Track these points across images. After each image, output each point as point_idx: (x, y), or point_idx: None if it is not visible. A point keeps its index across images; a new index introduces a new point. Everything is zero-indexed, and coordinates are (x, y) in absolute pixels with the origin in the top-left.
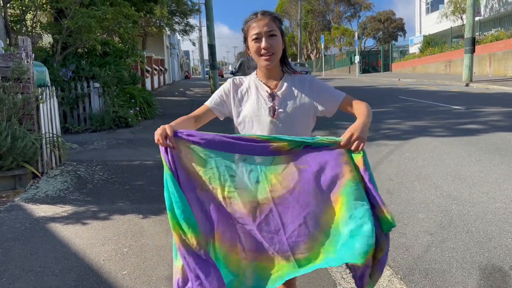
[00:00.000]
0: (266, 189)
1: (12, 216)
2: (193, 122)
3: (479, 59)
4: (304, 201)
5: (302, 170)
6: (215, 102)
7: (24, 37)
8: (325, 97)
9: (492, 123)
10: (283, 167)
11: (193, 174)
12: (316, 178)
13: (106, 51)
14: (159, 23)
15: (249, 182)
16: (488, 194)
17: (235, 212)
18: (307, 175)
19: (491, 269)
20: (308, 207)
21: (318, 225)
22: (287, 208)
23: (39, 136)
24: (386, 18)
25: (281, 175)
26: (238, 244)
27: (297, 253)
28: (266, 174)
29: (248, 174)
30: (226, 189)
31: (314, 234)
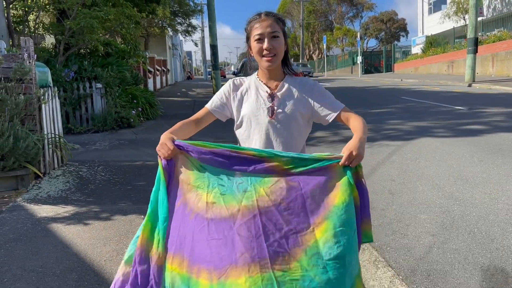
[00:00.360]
0: (253, 197)
1: (14, 217)
2: (194, 125)
3: (482, 60)
4: (288, 218)
5: (291, 187)
6: (215, 105)
7: (27, 38)
8: (324, 105)
9: (494, 123)
10: (274, 181)
11: (182, 182)
12: (303, 199)
13: (109, 51)
14: (161, 23)
15: (237, 191)
16: (490, 195)
17: (215, 217)
18: (295, 194)
19: (493, 270)
20: (291, 224)
21: (298, 243)
22: (270, 221)
23: (41, 137)
24: (388, 19)
25: (270, 188)
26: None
27: (275, 263)
28: (255, 186)
29: (237, 185)
30: (212, 195)
31: (293, 251)
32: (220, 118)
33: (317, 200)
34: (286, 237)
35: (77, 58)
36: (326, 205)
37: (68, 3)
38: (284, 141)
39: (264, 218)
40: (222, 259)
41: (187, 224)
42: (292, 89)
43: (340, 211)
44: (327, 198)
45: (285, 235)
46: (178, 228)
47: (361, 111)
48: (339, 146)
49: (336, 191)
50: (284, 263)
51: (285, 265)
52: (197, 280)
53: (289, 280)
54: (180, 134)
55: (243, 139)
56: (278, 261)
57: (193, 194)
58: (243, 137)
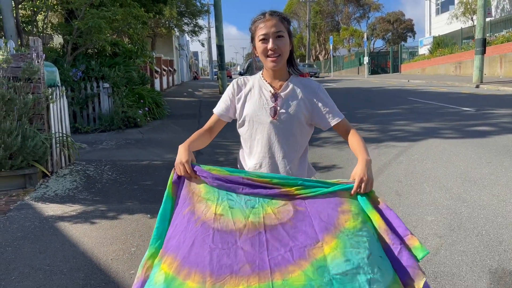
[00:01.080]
0: (260, 214)
1: (22, 215)
2: (208, 135)
3: (490, 61)
4: (294, 235)
5: (298, 211)
6: (221, 109)
7: (35, 38)
8: (325, 111)
9: (503, 125)
10: (281, 204)
11: (193, 193)
12: (310, 220)
13: (116, 51)
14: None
15: (245, 206)
16: (498, 196)
17: (222, 228)
18: (302, 216)
19: (501, 273)
20: (297, 240)
21: (304, 255)
22: (276, 238)
23: (49, 136)
24: (395, 19)
25: (277, 209)
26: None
27: (276, 273)
28: (263, 204)
29: (246, 201)
30: (221, 207)
31: (298, 262)
32: (228, 120)
33: (326, 221)
34: (291, 251)
35: (85, 58)
36: (337, 225)
37: (76, 3)
38: (286, 142)
39: (269, 235)
40: (222, 267)
41: (190, 230)
42: (296, 89)
43: (351, 234)
44: (337, 220)
45: (290, 249)
46: (179, 233)
47: (367, 111)
48: (344, 147)
49: (347, 216)
50: (287, 272)
51: (288, 274)
52: (183, 282)
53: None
54: (196, 145)
55: (245, 138)
56: (280, 271)
57: (202, 204)
58: (246, 137)
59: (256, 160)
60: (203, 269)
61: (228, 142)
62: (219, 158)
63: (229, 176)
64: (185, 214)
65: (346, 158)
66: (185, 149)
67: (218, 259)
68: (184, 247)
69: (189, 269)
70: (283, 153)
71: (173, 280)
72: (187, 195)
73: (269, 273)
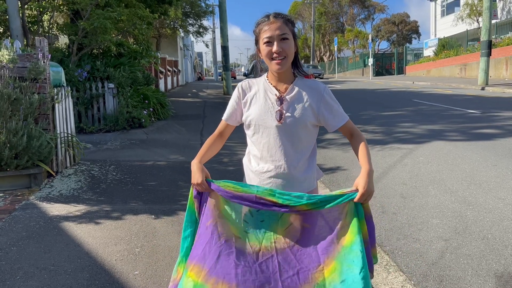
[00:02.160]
0: (271, 239)
1: (27, 215)
2: (219, 140)
3: (495, 63)
4: (300, 257)
5: (304, 230)
6: (228, 115)
7: (41, 38)
8: (331, 113)
9: (508, 127)
10: (289, 223)
11: (214, 206)
12: (314, 241)
13: (121, 52)
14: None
15: (258, 230)
16: (504, 200)
17: (241, 250)
18: (308, 236)
19: (507, 277)
20: (303, 263)
21: (308, 279)
22: (286, 260)
23: (54, 136)
24: (400, 21)
25: (286, 231)
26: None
27: None
28: (273, 227)
29: (259, 224)
30: (238, 230)
31: (303, 286)
32: (236, 124)
33: (328, 240)
34: (298, 274)
35: (90, 58)
36: (336, 246)
37: (82, 4)
38: (292, 145)
39: (280, 257)
40: (246, 281)
41: (215, 244)
42: (301, 92)
43: (348, 251)
44: (337, 239)
45: (297, 272)
46: (204, 244)
47: (372, 113)
48: (349, 149)
49: (346, 230)
50: None
51: None
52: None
53: None
54: (208, 155)
55: (251, 141)
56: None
57: (223, 221)
58: (252, 139)
59: (263, 163)
60: (230, 281)
61: (232, 143)
62: (223, 159)
63: (243, 194)
64: (208, 226)
65: (351, 160)
66: (198, 168)
67: (242, 274)
68: (210, 258)
69: (217, 279)
70: (290, 156)
71: (202, 287)
72: (209, 206)
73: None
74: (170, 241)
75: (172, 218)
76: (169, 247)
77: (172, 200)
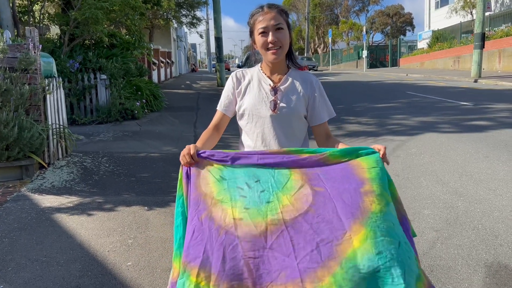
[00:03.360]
0: (277, 209)
1: (19, 206)
2: (216, 133)
3: (489, 55)
4: (318, 226)
5: (317, 193)
6: (224, 105)
7: (32, 28)
8: (319, 106)
9: (500, 119)
10: (297, 188)
11: (206, 196)
12: (333, 204)
13: (113, 43)
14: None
15: (260, 202)
16: (495, 191)
17: (246, 235)
18: (323, 198)
19: (497, 266)
20: (323, 233)
21: (333, 254)
22: (299, 232)
23: (46, 127)
24: (394, 13)
25: (294, 196)
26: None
27: (307, 281)
28: (277, 195)
29: (259, 195)
30: (237, 210)
31: (327, 263)
32: (233, 115)
33: (351, 204)
34: (318, 249)
35: (82, 49)
36: (363, 210)
37: None
38: (285, 135)
39: (292, 231)
40: (262, 275)
41: (216, 241)
42: (295, 83)
43: (379, 219)
44: (362, 203)
45: (317, 246)
46: (204, 244)
47: (366, 105)
48: (344, 140)
49: (372, 197)
50: (317, 280)
51: (318, 282)
52: None
53: None
54: (207, 146)
55: (245, 131)
56: (310, 278)
57: (218, 209)
58: (245, 130)
59: None
60: (246, 282)
61: (227, 135)
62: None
63: (243, 152)
64: (203, 220)
65: None
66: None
67: (256, 268)
68: (215, 260)
69: (229, 283)
70: (283, 146)
71: None
72: (199, 199)
73: (300, 282)
74: (163, 232)
75: (165, 209)
76: (162, 238)
77: (165, 192)
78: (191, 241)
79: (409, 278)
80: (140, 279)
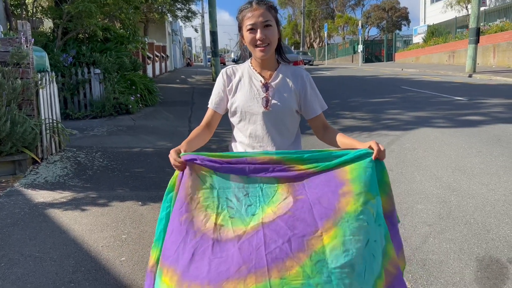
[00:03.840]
0: (259, 218)
1: (12, 202)
2: (207, 130)
3: (483, 50)
4: (293, 224)
5: (298, 200)
6: (215, 102)
7: (24, 22)
8: (311, 99)
9: (494, 114)
10: (281, 200)
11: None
12: (310, 206)
13: (107, 37)
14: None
15: (246, 214)
16: (488, 185)
17: (221, 239)
18: (301, 204)
19: (488, 260)
20: (296, 229)
21: (303, 247)
22: (274, 230)
23: (39, 122)
24: (390, 7)
25: (277, 206)
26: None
27: (273, 270)
28: (263, 208)
29: (246, 208)
30: (221, 218)
31: (296, 255)
32: (224, 112)
33: (327, 206)
34: (289, 242)
35: (76, 43)
36: (337, 210)
37: None
38: (278, 131)
39: (267, 230)
40: (219, 274)
41: (190, 243)
42: (286, 79)
43: (352, 219)
44: (338, 203)
45: (288, 239)
46: (178, 244)
47: (361, 100)
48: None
49: (348, 198)
50: (284, 269)
51: (285, 271)
52: None
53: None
54: (195, 144)
55: (237, 128)
56: (278, 267)
57: (201, 213)
58: (238, 126)
59: (250, 149)
60: (202, 281)
61: (221, 130)
62: (211, 145)
63: (231, 159)
64: (182, 222)
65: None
66: (174, 149)
67: (216, 267)
68: (183, 260)
69: (189, 283)
70: (276, 142)
71: None
72: (184, 200)
73: (266, 271)
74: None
75: (159, 204)
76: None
77: (159, 187)
78: (168, 240)
79: (368, 276)
80: (134, 274)
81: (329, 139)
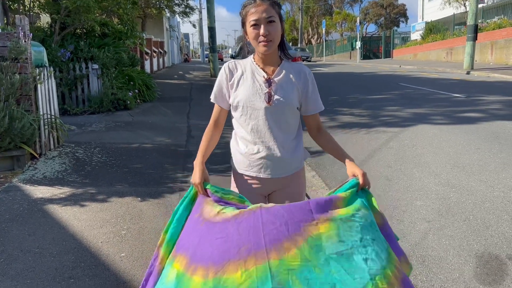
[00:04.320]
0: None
1: (10, 197)
2: (216, 131)
3: (481, 47)
4: (290, 209)
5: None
6: (218, 97)
7: (22, 16)
8: (312, 97)
9: (492, 111)
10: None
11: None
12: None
13: (105, 32)
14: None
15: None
16: (486, 182)
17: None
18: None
19: (487, 257)
20: (293, 215)
21: (300, 231)
22: (271, 213)
23: (37, 117)
24: (388, 4)
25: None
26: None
27: (272, 252)
28: None
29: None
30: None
31: (293, 237)
32: (228, 108)
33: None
34: (286, 224)
35: (73, 38)
36: (332, 212)
37: None
38: (280, 127)
39: (264, 211)
40: (221, 255)
41: (197, 230)
42: (289, 75)
43: (344, 220)
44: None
45: (286, 222)
46: (189, 235)
47: (359, 97)
48: (337, 132)
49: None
50: (283, 250)
51: (284, 252)
52: (190, 277)
53: (285, 270)
54: (209, 151)
55: (240, 123)
56: (276, 249)
57: (209, 206)
58: (240, 121)
59: (252, 145)
60: (206, 262)
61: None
62: None
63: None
64: (196, 218)
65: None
66: (199, 170)
67: (217, 247)
68: (191, 246)
69: (196, 265)
70: (278, 138)
71: (182, 276)
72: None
73: (265, 253)
74: (156, 223)
75: (158, 200)
76: (155, 229)
77: (158, 183)
78: (182, 235)
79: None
80: (134, 270)
81: (321, 142)
